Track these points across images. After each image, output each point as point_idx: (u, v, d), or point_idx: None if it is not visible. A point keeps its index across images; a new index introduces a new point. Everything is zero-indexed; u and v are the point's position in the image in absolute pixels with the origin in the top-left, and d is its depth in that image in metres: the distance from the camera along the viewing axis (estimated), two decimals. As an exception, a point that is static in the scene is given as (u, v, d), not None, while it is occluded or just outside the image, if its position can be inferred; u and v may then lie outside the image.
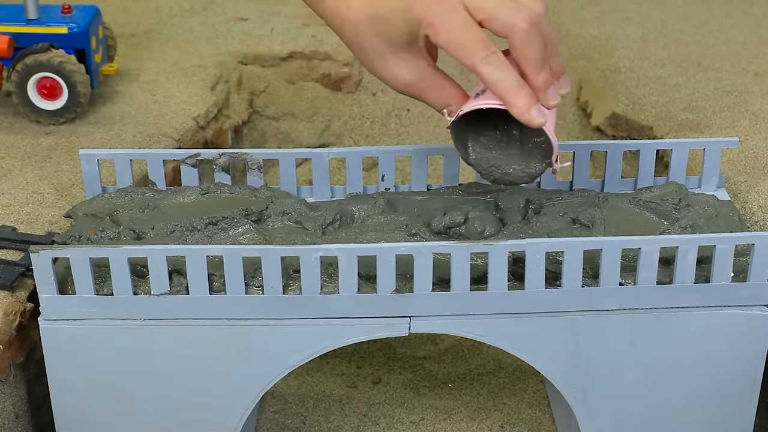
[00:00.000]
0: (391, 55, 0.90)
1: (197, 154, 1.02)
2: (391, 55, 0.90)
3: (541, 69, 0.86)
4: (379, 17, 0.88)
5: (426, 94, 0.92)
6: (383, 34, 0.89)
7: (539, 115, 0.85)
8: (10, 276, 0.94)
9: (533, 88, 0.87)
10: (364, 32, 0.90)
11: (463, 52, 0.85)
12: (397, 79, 0.91)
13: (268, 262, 0.86)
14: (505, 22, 0.85)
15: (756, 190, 1.07)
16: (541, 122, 0.85)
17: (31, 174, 1.12)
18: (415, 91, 0.92)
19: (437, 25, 0.85)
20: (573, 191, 1.00)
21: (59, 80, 1.21)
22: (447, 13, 0.85)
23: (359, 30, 0.90)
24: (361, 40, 0.90)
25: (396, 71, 0.91)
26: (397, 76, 0.91)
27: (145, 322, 0.89)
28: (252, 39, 1.52)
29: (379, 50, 0.90)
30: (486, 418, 1.17)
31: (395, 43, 0.89)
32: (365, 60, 0.92)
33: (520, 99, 0.85)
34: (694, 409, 0.94)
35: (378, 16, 0.88)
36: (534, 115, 0.85)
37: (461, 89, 0.92)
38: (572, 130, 1.47)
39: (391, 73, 0.91)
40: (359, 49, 0.91)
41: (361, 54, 0.92)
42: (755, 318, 0.90)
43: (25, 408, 0.97)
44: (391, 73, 0.91)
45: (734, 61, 1.43)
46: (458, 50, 0.85)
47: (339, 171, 1.42)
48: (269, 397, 1.19)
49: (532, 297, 0.88)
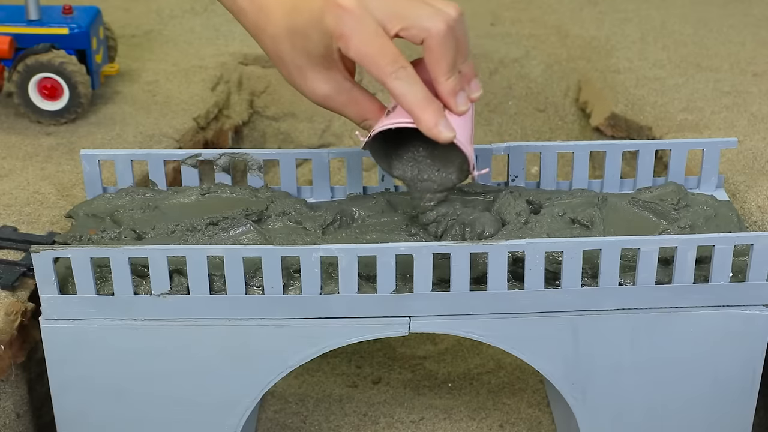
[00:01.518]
0: (309, 68, 0.89)
1: (198, 155, 1.02)
2: (309, 68, 0.89)
3: (451, 74, 0.86)
4: (296, 30, 0.87)
5: (344, 108, 0.91)
6: (300, 47, 0.88)
7: (447, 130, 0.85)
8: (11, 276, 0.94)
9: (443, 93, 0.86)
10: (282, 45, 0.89)
11: (373, 65, 0.84)
12: (315, 92, 0.90)
13: (269, 262, 0.86)
14: (421, 26, 0.84)
15: (755, 191, 1.07)
16: (448, 137, 0.85)
17: (32, 174, 1.13)
18: (334, 105, 0.91)
19: (347, 37, 0.84)
20: (572, 191, 1.00)
21: (60, 81, 1.21)
22: (356, 25, 0.83)
23: (278, 42, 0.89)
24: (280, 53, 0.89)
25: (313, 85, 0.90)
26: (314, 89, 0.90)
27: (145, 322, 0.89)
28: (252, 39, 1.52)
29: (297, 63, 0.89)
30: (486, 417, 1.17)
31: (312, 56, 0.88)
32: (285, 72, 0.91)
33: (427, 114, 0.84)
34: (693, 409, 0.94)
35: (295, 28, 0.87)
36: (441, 131, 0.84)
37: (379, 103, 0.91)
38: (571, 131, 1.47)
39: (309, 87, 0.90)
40: (279, 62, 0.90)
41: (281, 66, 0.91)
42: (754, 318, 0.90)
43: (26, 407, 0.97)
44: (309, 86, 0.90)
45: (733, 61, 1.43)
46: (368, 63, 0.84)
47: (339, 171, 1.42)
48: (269, 397, 1.20)
49: (532, 297, 0.88)
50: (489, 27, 1.60)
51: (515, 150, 1.02)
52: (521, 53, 1.52)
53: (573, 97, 1.48)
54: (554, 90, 1.50)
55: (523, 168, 1.02)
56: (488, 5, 1.67)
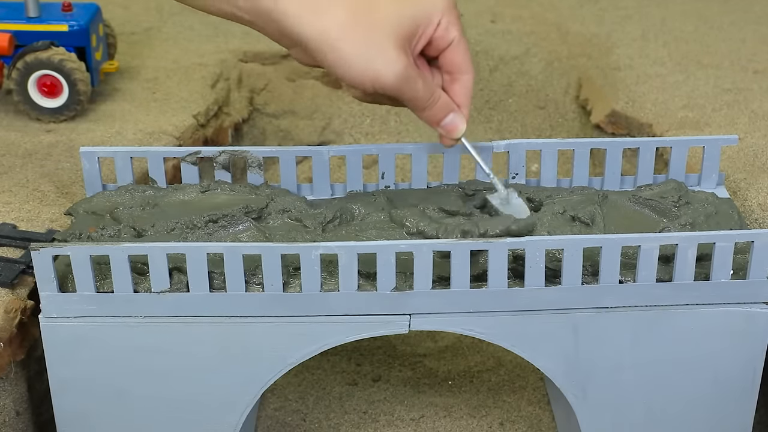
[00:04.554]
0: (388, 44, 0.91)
1: (198, 152, 1.02)
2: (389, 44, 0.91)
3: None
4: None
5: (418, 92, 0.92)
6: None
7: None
8: (10, 273, 0.94)
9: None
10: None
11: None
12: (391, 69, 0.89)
13: (269, 260, 0.86)
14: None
15: (755, 188, 1.07)
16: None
17: (32, 172, 1.12)
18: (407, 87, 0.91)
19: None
20: (573, 189, 1.00)
21: (60, 78, 1.21)
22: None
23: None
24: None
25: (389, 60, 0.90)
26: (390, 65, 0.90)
27: (145, 319, 0.89)
28: (252, 37, 1.52)
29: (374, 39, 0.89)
30: (486, 415, 1.17)
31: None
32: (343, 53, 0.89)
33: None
34: (693, 406, 0.94)
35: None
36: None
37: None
38: (572, 128, 1.47)
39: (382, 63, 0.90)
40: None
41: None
42: (755, 315, 0.90)
43: (25, 405, 0.97)
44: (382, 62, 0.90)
45: (734, 58, 1.43)
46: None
47: (339, 169, 1.42)
48: (269, 395, 1.20)
49: (532, 294, 0.88)
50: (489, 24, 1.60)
51: (515, 147, 1.02)
52: (522, 50, 1.52)
53: (573, 94, 1.48)
54: (555, 87, 1.50)
55: (523, 165, 1.02)
56: (488, 2, 1.67)
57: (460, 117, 0.91)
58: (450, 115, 0.90)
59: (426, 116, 0.90)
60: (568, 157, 1.26)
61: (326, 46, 0.85)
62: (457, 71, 0.91)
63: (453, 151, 1.01)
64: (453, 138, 0.92)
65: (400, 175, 1.37)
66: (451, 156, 1.02)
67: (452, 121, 0.91)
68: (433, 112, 0.90)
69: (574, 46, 1.52)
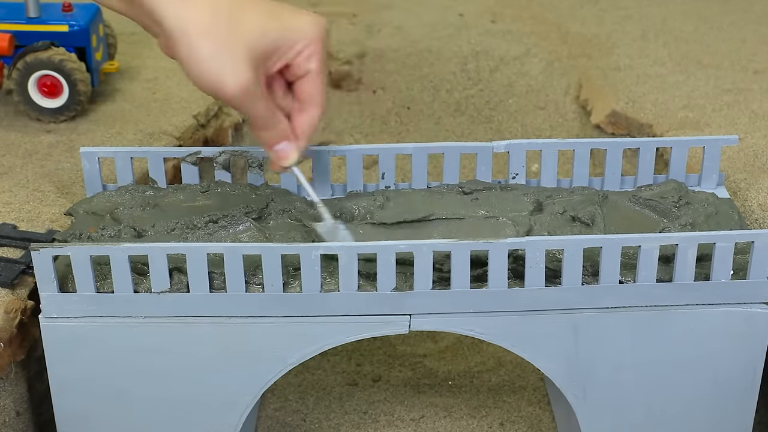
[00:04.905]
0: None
1: (198, 152, 1.02)
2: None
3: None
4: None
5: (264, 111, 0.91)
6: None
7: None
8: (10, 274, 0.94)
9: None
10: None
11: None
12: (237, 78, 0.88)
13: (269, 260, 0.86)
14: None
15: (756, 188, 1.07)
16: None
17: (32, 172, 1.12)
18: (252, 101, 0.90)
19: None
20: (573, 189, 1.00)
21: (60, 78, 1.21)
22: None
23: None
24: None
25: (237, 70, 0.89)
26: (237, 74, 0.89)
27: (145, 319, 0.89)
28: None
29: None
30: (486, 415, 1.17)
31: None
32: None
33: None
34: (693, 407, 0.94)
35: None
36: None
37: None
38: (572, 128, 1.47)
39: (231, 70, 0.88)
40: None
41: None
42: (755, 316, 0.90)
43: (25, 405, 0.97)
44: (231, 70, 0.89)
45: (734, 58, 1.43)
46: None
47: (339, 169, 1.42)
48: (270, 395, 1.20)
49: (532, 295, 0.88)
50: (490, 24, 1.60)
51: (516, 148, 1.01)
52: (522, 51, 1.52)
53: (573, 94, 1.48)
54: (555, 87, 1.49)
55: (523, 166, 1.02)
56: (489, 2, 1.67)
57: (293, 146, 0.91)
58: (284, 142, 0.90)
59: (261, 136, 0.90)
60: (568, 157, 1.26)
61: (183, 41, 0.85)
62: (307, 102, 0.91)
63: (453, 151, 1.01)
64: (281, 165, 0.91)
65: (400, 175, 1.36)
66: (452, 156, 1.02)
67: (284, 148, 0.91)
68: (269, 135, 0.90)
69: (574, 47, 1.52)
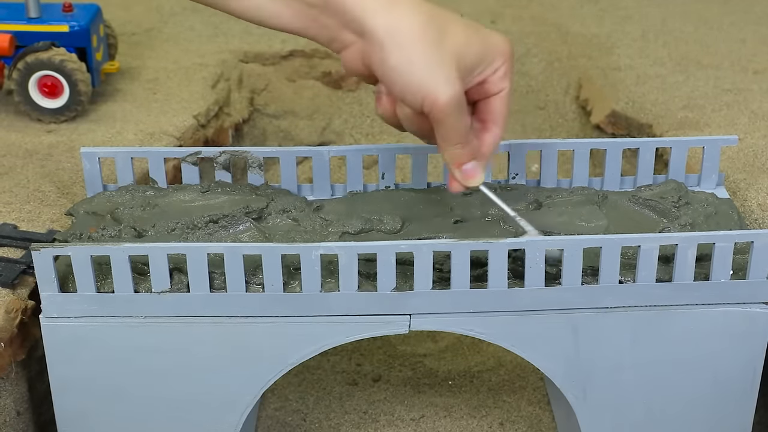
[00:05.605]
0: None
1: (198, 152, 1.02)
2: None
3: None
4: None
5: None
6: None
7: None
8: (11, 274, 0.94)
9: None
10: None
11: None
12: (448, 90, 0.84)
13: (269, 260, 0.86)
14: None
15: (755, 188, 1.07)
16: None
17: (33, 172, 1.13)
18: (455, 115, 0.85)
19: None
20: (573, 189, 1.00)
21: (60, 78, 1.21)
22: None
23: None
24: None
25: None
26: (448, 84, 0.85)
27: (146, 319, 0.89)
28: (253, 37, 1.52)
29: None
30: (486, 415, 1.17)
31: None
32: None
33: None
34: (693, 407, 0.94)
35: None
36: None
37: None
38: (572, 128, 1.47)
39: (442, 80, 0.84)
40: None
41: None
42: (754, 316, 0.90)
43: (26, 405, 0.97)
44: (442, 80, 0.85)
45: (734, 59, 1.43)
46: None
47: (339, 169, 1.42)
48: (270, 395, 1.20)
49: (532, 295, 0.88)
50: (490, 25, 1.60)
51: (516, 148, 1.02)
52: (522, 51, 1.52)
53: (573, 94, 1.48)
54: (555, 87, 1.50)
55: (523, 166, 1.02)
56: (489, 3, 1.67)
57: (480, 167, 0.86)
58: (473, 162, 0.85)
59: (452, 153, 0.84)
60: (568, 157, 1.27)
61: (394, 44, 0.79)
62: (492, 121, 0.87)
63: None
64: (467, 185, 0.86)
65: (400, 175, 1.37)
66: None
67: (473, 168, 0.86)
68: (460, 153, 0.84)
69: (575, 47, 1.52)
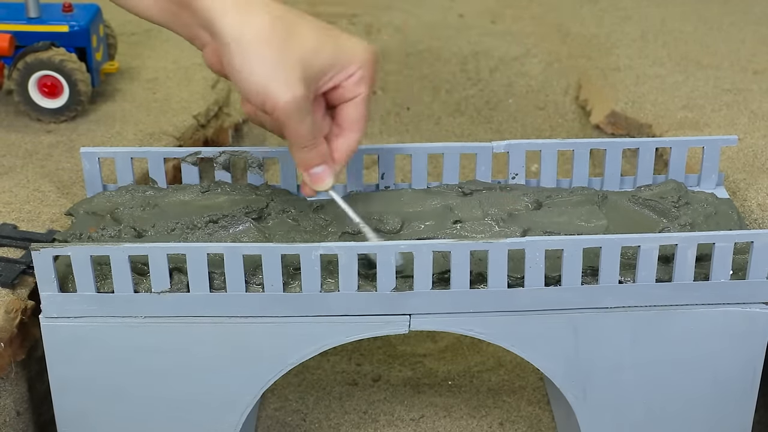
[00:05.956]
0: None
1: (198, 153, 1.02)
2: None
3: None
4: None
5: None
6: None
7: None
8: (11, 274, 0.94)
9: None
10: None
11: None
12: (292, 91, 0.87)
13: (269, 260, 0.86)
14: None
15: (755, 188, 1.07)
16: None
17: (32, 172, 1.13)
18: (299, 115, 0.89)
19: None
20: (572, 189, 1.00)
21: (60, 78, 1.21)
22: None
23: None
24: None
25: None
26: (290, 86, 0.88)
27: (145, 319, 0.89)
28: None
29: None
30: (486, 415, 1.17)
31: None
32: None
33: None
34: (693, 406, 0.94)
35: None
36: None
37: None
38: (571, 129, 1.47)
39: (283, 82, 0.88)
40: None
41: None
42: (754, 316, 0.90)
43: (26, 405, 0.97)
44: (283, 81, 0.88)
45: (733, 59, 1.43)
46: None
47: (339, 169, 1.42)
48: (270, 395, 1.20)
49: (532, 295, 0.88)
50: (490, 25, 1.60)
51: (515, 148, 1.02)
52: (522, 51, 1.52)
53: (573, 94, 1.48)
54: (554, 88, 1.50)
55: (523, 166, 1.02)
56: (489, 3, 1.67)
57: (330, 171, 0.89)
58: (322, 165, 0.89)
59: (299, 157, 0.88)
60: (567, 157, 1.26)
61: (237, 48, 0.84)
62: (348, 127, 0.89)
63: (453, 151, 1.01)
64: (316, 189, 0.90)
65: (400, 175, 1.37)
66: (451, 156, 1.02)
67: (321, 172, 0.89)
68: (308, 156, 0.88)
69: (574, 47, 1.52)
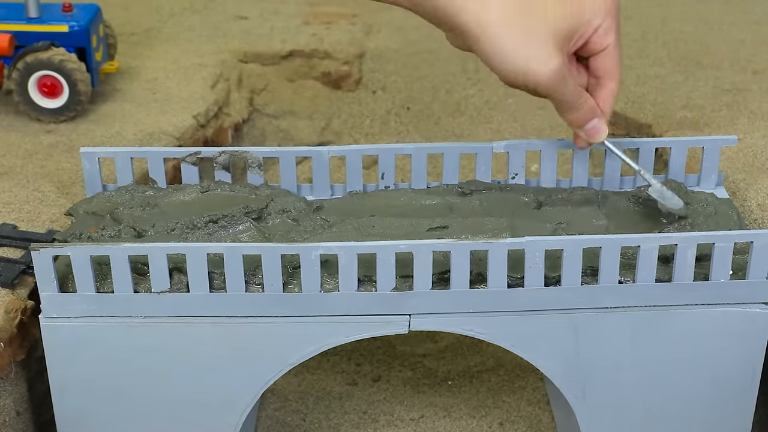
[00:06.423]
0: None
1: (198, 153, 1.02)
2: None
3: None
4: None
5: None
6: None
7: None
8: (11, 274, 0.94)
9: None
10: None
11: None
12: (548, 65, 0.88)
13: (269, 260, 0.86)
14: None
15: (755, 188, 1.07)
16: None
17: (32, 172, 1.13)
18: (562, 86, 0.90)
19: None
20: (572, 189, 1.00)
21: (60, 78, 1.21)
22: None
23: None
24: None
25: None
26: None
27: (145, 319, 0.89)
28: (252, 37, 1.52)
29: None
30: (485, 415, 1.17)
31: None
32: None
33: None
34: (693, 407, 0.94)
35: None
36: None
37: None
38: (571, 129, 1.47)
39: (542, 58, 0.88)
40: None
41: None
42: (754, 316, 0.90)
43: (26, 405, 0.97)
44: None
45: (733, 59, 1.43)
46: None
47: (339, 169, 1.42)
48: (269, 395, 1.20)
49: (532, 295, 0.88)
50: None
51: (515, 148, 1.02)
52: (521, 51, 1.52)
53: (573, 94, 1.48)
54: (554, 88, 1.49)
55: (523, 166, 1.02)
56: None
57: (603, 122, 0.91)
58: (594, 119, 0.91)
59: (571, 118, 0.90)
60: (567, 157, 1.26)
61: (484, 36, 0.84)
62: (605, 77, 0.91)
63: (453, 151, 1.01)
64: (593, 142, 0.92)
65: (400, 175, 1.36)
66: (451, 156, 1.02)
67: (596, 125, 0.91)
68: (579, 115, 0.90)
69: (574, 47, 1.52)
